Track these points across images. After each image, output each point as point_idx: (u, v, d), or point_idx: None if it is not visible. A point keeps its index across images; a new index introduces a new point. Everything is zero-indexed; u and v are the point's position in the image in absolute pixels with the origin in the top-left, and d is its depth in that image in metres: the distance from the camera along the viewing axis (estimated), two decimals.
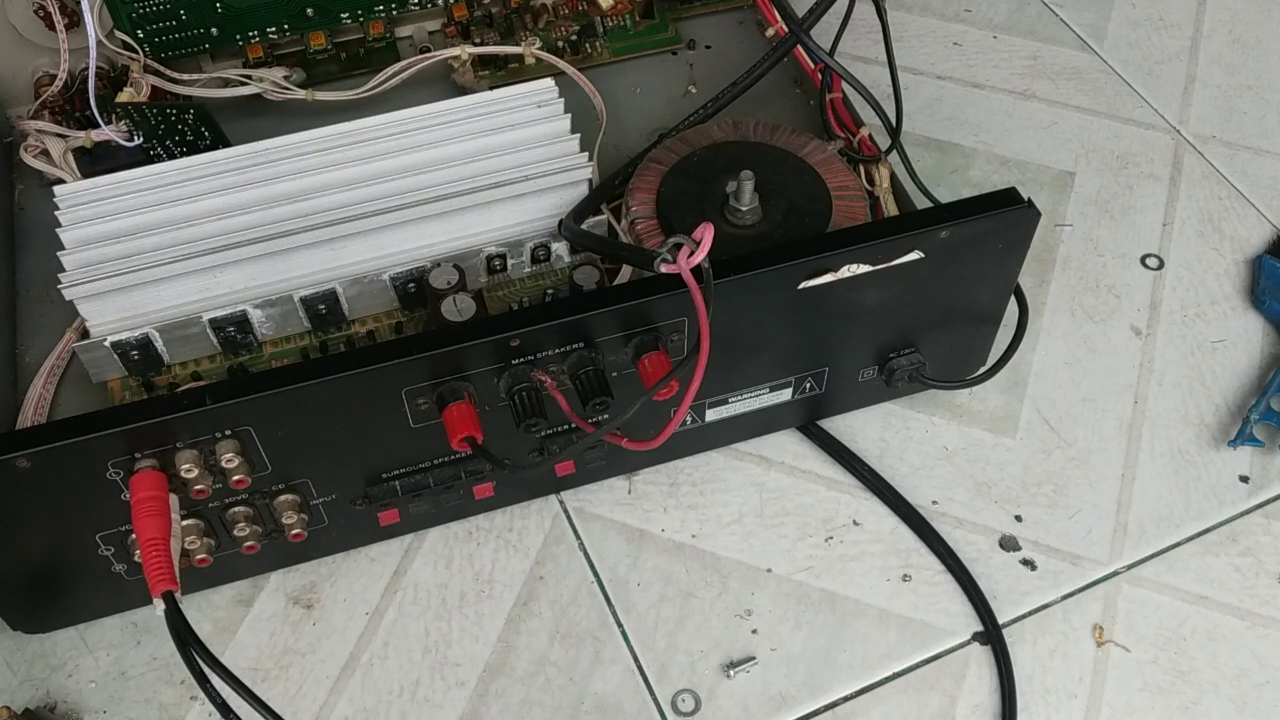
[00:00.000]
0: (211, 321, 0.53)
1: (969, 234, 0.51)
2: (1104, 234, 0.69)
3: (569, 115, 0.59)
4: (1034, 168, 0.72)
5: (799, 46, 0.62)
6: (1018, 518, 0.57)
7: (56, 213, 0.55)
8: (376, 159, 0.57)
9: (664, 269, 0.46)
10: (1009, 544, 0.57)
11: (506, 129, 0.58)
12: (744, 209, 0.54)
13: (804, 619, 0.54)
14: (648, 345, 0.49)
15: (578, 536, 0.57)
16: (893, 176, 0.60)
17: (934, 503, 0.58)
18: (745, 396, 0.56)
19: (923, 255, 0.51)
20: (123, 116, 0.61)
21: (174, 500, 0.46)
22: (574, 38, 0.69)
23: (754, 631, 0.54)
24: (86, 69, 0.59)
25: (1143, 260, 0.68)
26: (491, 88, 0.63)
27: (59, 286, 0.52)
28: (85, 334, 0.53)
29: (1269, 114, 0.76)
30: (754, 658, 0.53)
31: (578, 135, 0.58)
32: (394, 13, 0.67)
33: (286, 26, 0.66)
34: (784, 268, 0.49)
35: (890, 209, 0.59)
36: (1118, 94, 0.77)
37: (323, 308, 0.54)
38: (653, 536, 0.56)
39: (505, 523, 0.57)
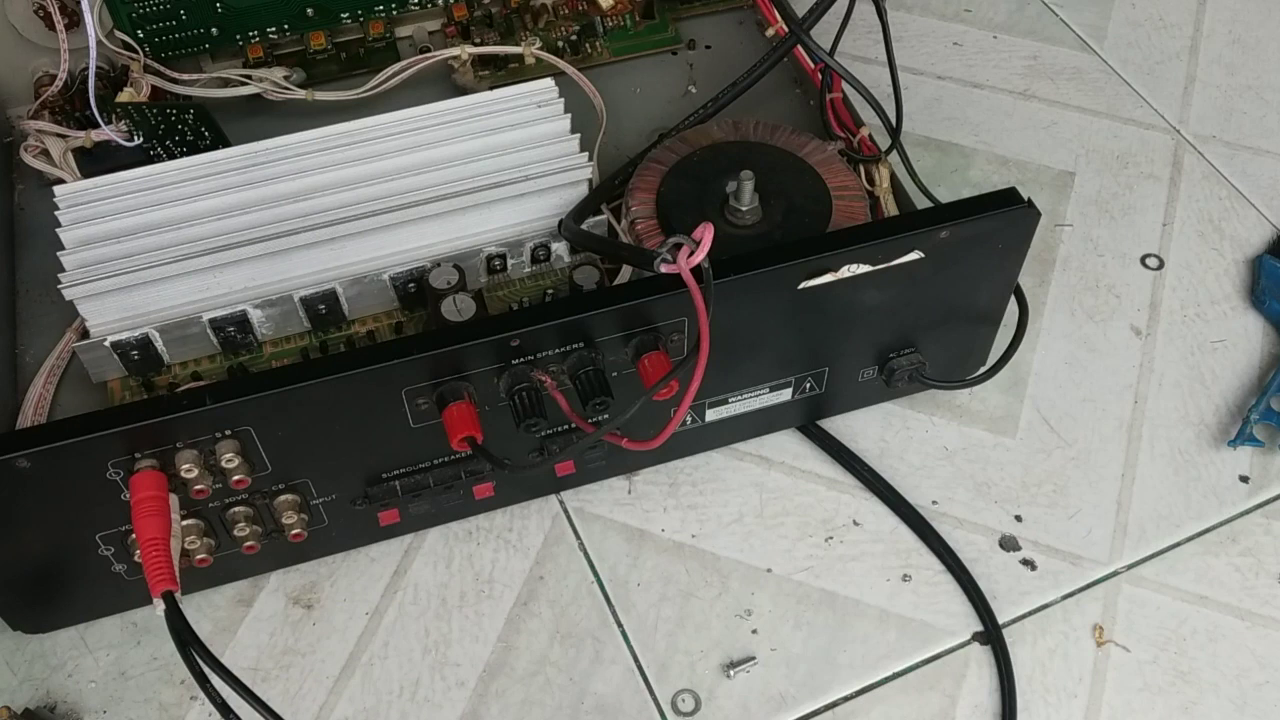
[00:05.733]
0: (211, 321, 0.53)
1: (969, 234, 0.51)
2: (1104, 234, 0.69)
3: (569, 115, 0.59)
4: (1034, 168, 0.72)
5: (799, 46, 0.62)
6: (1018, 518, 0.57)
7: (56, 213, 0.55)
8: (376, 159, 0.57)
9: (664, 269, 0.46)
10: (1009, 544, 0.57)
11: (506, 129, 0.58)
12: (744, 209, 0.54)
13: (804, 619, 0.54)
14: (648, 345, 0.49)
15: (578, 536, 0.57)
16: (893, 176, 0.60)
17: (934, 503, 0.58)
18: (745, 396, 0.56)
19: (923, 255, 0.51)
20: (123, 116, 0.61)
21: (174, 500, 0.46)
22: (574, 38, 0.69)
23: (754, 631, 0.54)
24: (86, 69, 0.59)
25: (1143, 260, 0.68)
26: (491, 88, 0.63)
27: (59, 286, 0.52)
28: (85, 334, 0.53)
29: (1269, 114, 0.76)
30: (754, 658, 0.53)
31: (578, 135, 0.58)
32: (394, 13, 0.67)
33: (286, 26, 0.66)
34: (784, 268, 0.49)
35: (890, 209, 0.59)
36: (1118, 94, 0.77)
37: (323, 308, 0.54)
38: (653, 536, 0.56)
39: (505, 523, 0.57)
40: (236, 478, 0.47)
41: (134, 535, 0.45)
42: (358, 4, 0.66)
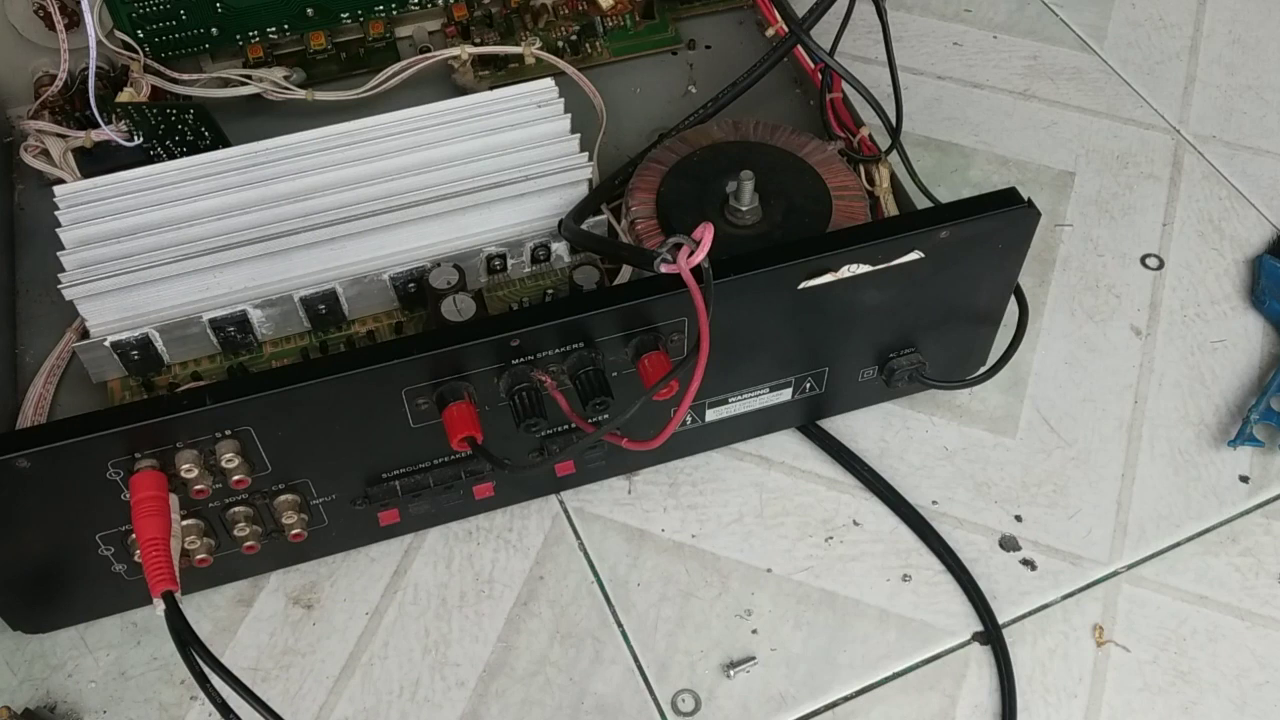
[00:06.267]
0: (211, 321, 0.53)
1: (969, 234, 0.51)
2: (1104, 234, 0.69)
3: (569, 115, 0.59)
4: (1034, 168, 0.72)
5: (799, 46, 0.62)
6: (1018, 518, 0.57)
7: (56, 213, 0.55)
8: (376, 159, 0.57)
9: (664, 269, 0.46)
10: (1009, 544, 0.57)
11: (506, 129, 0.58)
12: (744, 209, 0.54)
13: (804, 619, 0.54)
14: (648, 345, 0.49)
15: (578, 536, 0.57)
16: (893, 176, 0.60)
17: (934, 503, 0.58)
18: (745, 396, 0.56)
19: (923, 255, 0.51)
20: (123, 116, 0.61)
21: (174, 500, 0.46)
22: (574, 38, 0.69)
23: (754, 631, 0.54)
24: (86, 69, 0.59)
25: (1143, 260, 0.68)
26: (491, 88, 0.63)
27: (59, 286, 0.52)
28: (85, 334, 0.53)
29: (1269, 114, 0.76)
30: (754, 658, 0.53)
31: (578, 135, 0.58)
32: (394, 13, 0.67)
33: (286, 26, 0.66)
34: (784, 268, 0.49)
35: (890, 209, 0.59)
36: (1118, 94, 0.77)
37: (323, 308, 0.54)
38: (653, 536, 0.56)
39: (505, 523, 0.57)
40: (236, 478, 0.47)
41: (134, 535, 0.45)
42: (358, 4, 0.66)
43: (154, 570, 0.44)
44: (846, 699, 0.52)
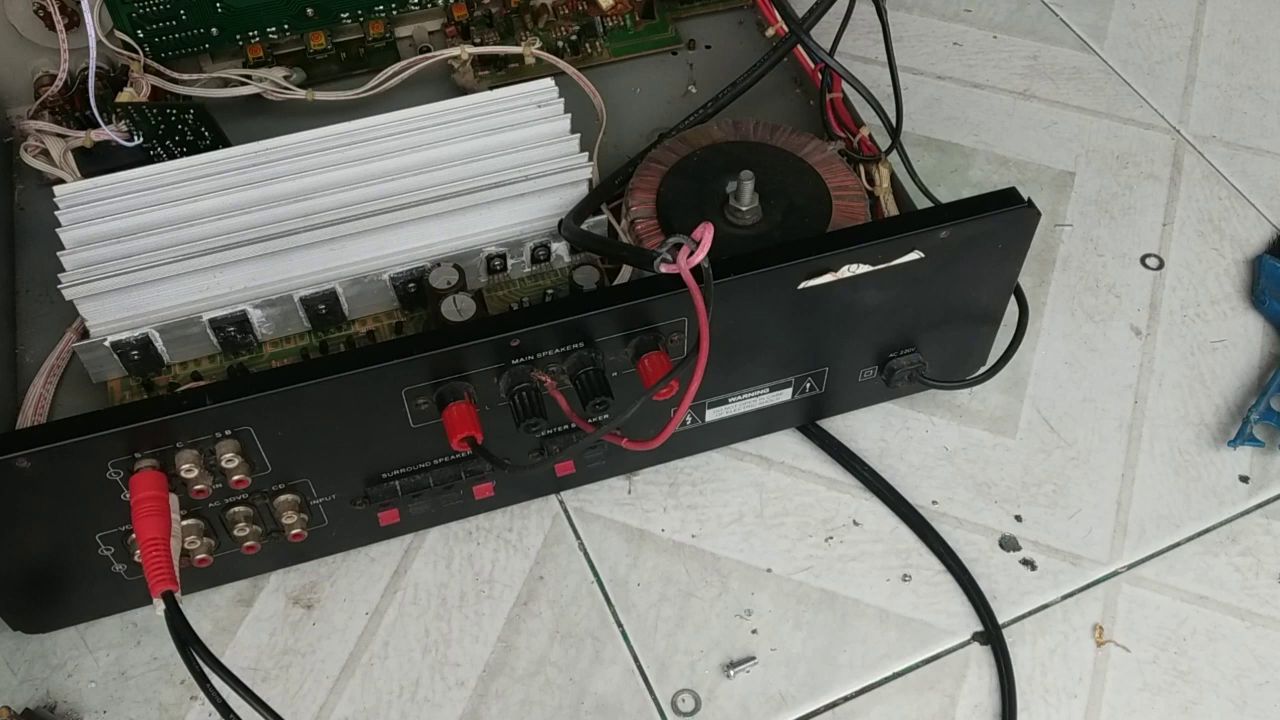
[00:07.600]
0: (211, 321, 0.53)
1: (969, 234, 0.51)
2: (1104, 234, 0.69)
3: (569, 115, 0.59)
4: (1034, 168, 0.72)
5: (799, 46, 0.62)
6: (1018, 518, 0.57)
7: (56, 213, 0.55)
8: (376, 159, 0.57)
9: (664, 269, 0.46)
10: (1009, 544, 0.57)
11: (506, 129, 0.58)
12: (744, 209, 0.54)
13: (804, 619, 0.54)
14: (648, 345, 0.49)
15: (578, 536, 0.57)
16: (893, 176, 0.60)
17: (934, 503, 0.58)
18: (745, 396, 0.56)
19: (923, 255, 0.51)
20: (123, 116, 0.61)
21: (174, 500, 0.46)
22: (574, 38, 0.69)
23: (754, 631, 0.54)
24: (86, 69, 0.59)
25: (1143, 260, 0.68)
26: (491, 88, 0.63)
27: (59, 286, 0.52)
28: (85, 334, 0.53)
29: (1269, 114, 0.76)
30: (754, 658, 0.53)
31: (578, 135, 0.58)
32: (394, 13, 0.67)
33: (286, 26, 0.66)
34: (784, 268, 0.49)
35: (890, 209, 0.59)
36: (1118, 94, 0.77)
37: (323, 308, 0.54)
38: (653, 536, 0.56)
39: (505, 523, 0.57)
40: (236, 478, 0.47)
41: (134, 535, 0.45)
42: (358, 4, 0.66)
43: (154, 570, 0.44)
44: (846, 699, 0.52)
